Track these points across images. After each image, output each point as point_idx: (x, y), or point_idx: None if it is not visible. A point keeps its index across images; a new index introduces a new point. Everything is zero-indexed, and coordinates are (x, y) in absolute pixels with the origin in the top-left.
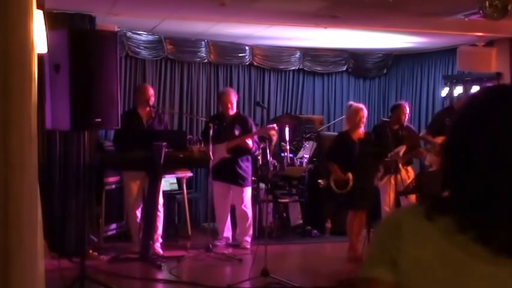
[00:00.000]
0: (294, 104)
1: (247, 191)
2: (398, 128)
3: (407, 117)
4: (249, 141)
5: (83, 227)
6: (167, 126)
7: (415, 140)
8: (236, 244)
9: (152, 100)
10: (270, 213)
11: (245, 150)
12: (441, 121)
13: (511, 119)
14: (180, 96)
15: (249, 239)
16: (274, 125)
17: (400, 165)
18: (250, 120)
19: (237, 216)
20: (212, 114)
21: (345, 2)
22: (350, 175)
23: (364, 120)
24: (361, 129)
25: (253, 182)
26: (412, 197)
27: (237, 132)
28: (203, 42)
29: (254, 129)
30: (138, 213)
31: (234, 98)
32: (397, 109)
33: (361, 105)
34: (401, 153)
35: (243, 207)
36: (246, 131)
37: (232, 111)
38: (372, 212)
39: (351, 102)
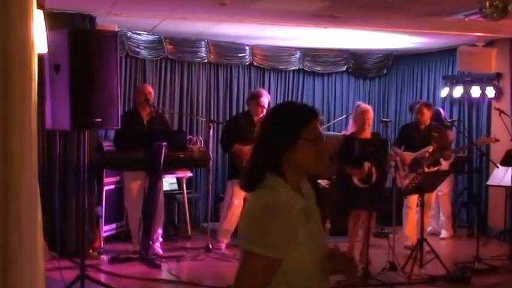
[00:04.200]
0: None
1: None
2: (426, 128)
3: (427, 117)
4: None
5: (83, 227)
6: (168, 125)
7: (444, 141)
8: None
9: (152, 100)
10: None
11: None
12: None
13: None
14: (180, 96)
15: None
16: None
17: (425, 166)
18: None
19: None
20: (236, 113)
21: (345, 2)
22: (367, 166)
23: (371, 122)
24: (368, 131)
25: None
26: (413, 197)
27: None
28: (203, 42)
29: None
30: (138, 213)
31: (268, 99)
32: (415, 110)
33: (368, 107)
34: (427, 154)
35: None
36: None
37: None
38: (380, 212)
39: (359, 103)
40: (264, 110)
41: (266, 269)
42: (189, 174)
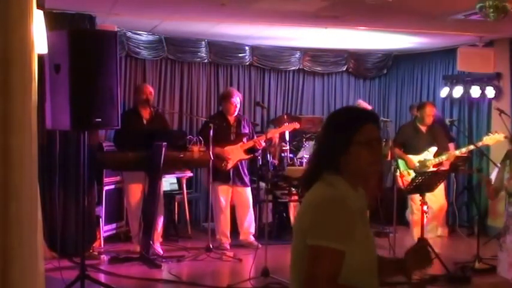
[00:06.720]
0: (294, 104)
1: (250, 191)
2: (429, 129)
3: (431, 118)
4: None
5: (83, 227)
6: (168, 125)
7: (445, 141)
8: (241, 244)
9: (152, 100)
10: (270, 213)
11: (256, 150)
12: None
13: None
14: (180, 96)
15: (252, 237)
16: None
17: (432, 166)
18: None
19: (245, 217)
20: (212, 114)
21: (345, 2)
22: None
23: None
24: None
25: (253, 182)
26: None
27: (246, 132)
28: (203, 42)
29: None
30: (138, 213)
31: (240, 98)
32: (420, 110)
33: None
34: (432, 155)
35: (251, 207)
36: (250, 130)
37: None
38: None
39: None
40: (236, 109)
41: (335, 261)
42: (189, 174)
